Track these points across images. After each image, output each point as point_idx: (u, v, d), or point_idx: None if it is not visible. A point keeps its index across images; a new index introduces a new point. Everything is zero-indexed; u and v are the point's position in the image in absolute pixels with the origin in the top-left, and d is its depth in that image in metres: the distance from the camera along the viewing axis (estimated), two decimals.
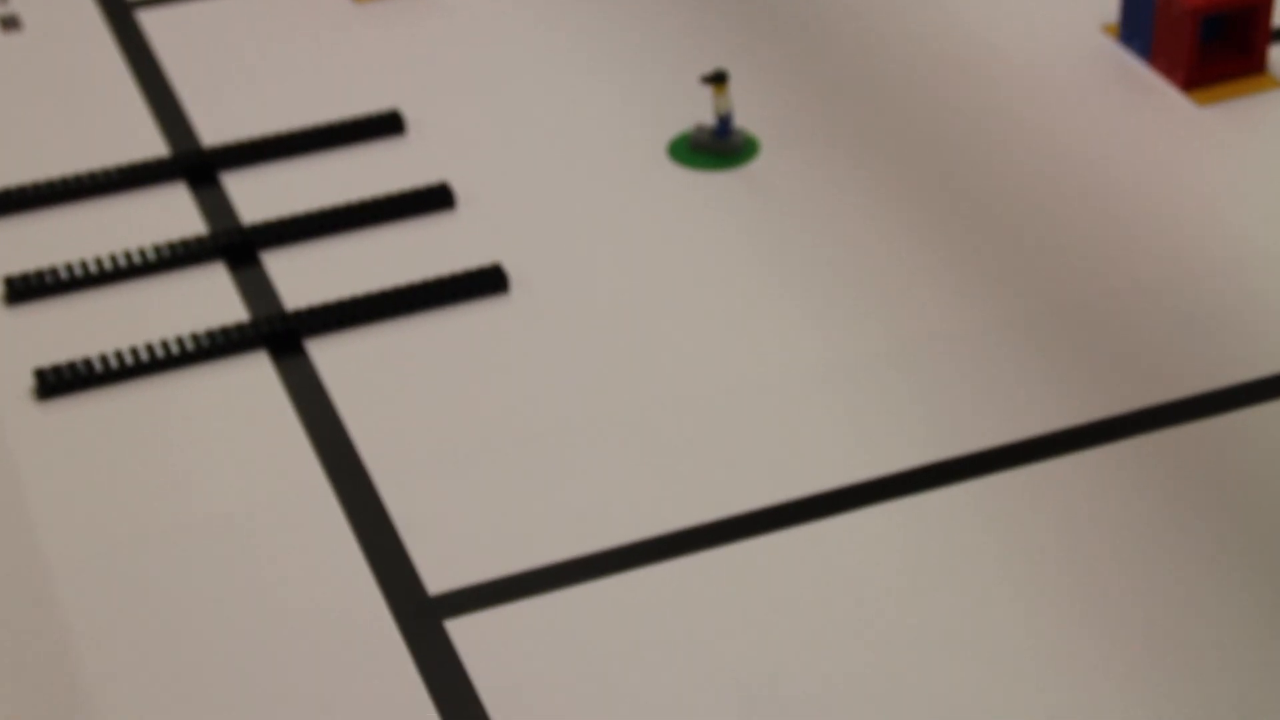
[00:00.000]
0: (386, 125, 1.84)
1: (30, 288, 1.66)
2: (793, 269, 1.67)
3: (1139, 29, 1.89)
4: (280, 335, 1.61)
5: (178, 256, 1.69)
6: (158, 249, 1.69)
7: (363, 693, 1.33)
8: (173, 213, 1.75)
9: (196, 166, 1.79)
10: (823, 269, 1.67)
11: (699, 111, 1.86)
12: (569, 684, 1.34)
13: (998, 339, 1.59)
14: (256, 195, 1.77)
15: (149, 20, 2.02)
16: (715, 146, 1.80)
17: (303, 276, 1.68)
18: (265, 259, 1.70)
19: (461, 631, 1.37)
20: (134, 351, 1.58)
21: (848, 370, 1.57)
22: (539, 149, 1.82)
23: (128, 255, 1.68)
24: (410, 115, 1.86)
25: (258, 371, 1.59)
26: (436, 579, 1.41)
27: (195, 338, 1.59)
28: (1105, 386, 1.54)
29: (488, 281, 1.65)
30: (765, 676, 1.33)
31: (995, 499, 1.45)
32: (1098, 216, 1.71)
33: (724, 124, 1.80)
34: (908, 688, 1.32)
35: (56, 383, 1.56)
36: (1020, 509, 1.44)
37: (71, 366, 1.57)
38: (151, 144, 1.84)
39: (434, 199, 1.75)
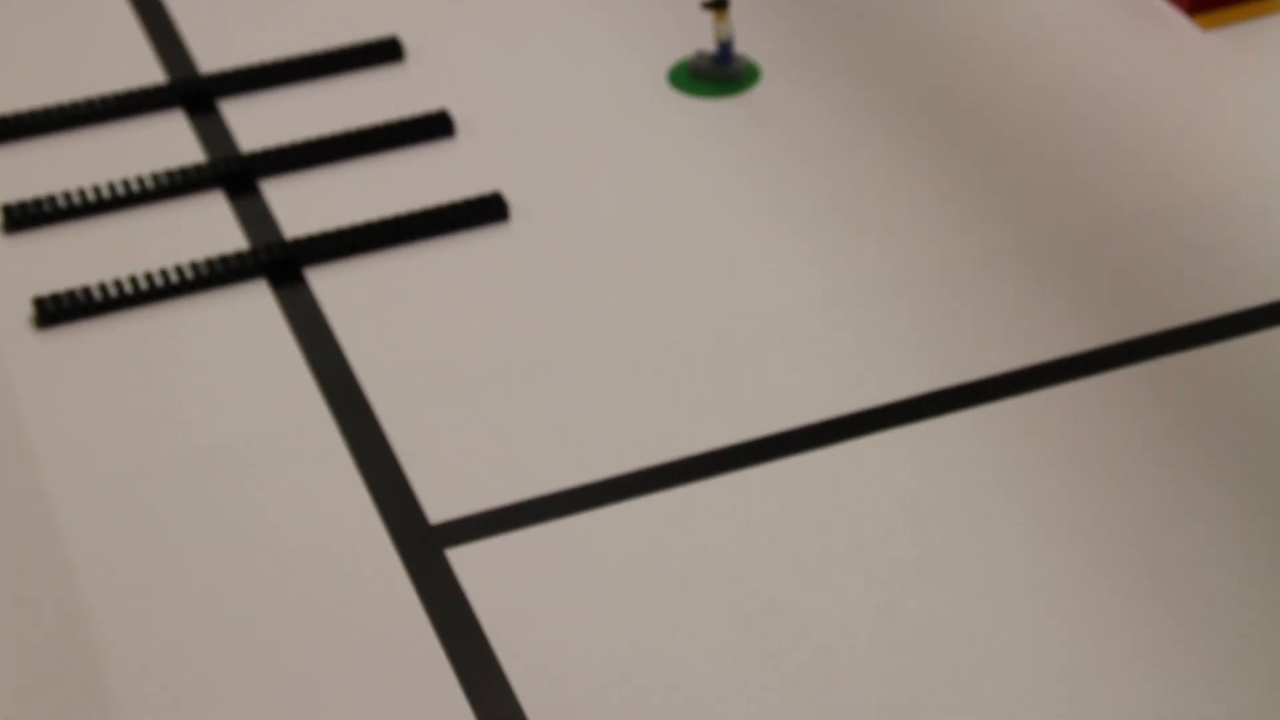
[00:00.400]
0: (385, 52, 1.83)
1: (28, 216, 1.65)
2: (793, 196, 1.66)
3: None
4: (280, 264, 1.60)
5: (176, 184, 1.68)
6: (156, 177, 1.68)
7: (363, 621, 1.34)
8: (171, 140, 1.74)
9: (194, 93, 1.78)
10: (823, 196, 1.66)
11: (699, 38, 1.85)
12: (570, 612, 1.34)
13: (1000, 267, 1.58)
14: (255, 122, 1.76)
15: None
16: (716, 73, 1.79)
17: (302, 205, 1.67)
18: (264, 187, 1.69)
19: (463, 560, 1.37)
20: (133, 280, 1.58)
21: (849, 298, 1.56)
22: (539, 76, 1.81)
23: (126, 183, 1.67)
24: (409, 42, 1.85)
25: (257, 300, 1.58)
26: (437, 508, 1.41)
27: (194, 266, 1.59)
28: (1108, 314, 1.54)
29: (488, 210, 1.65)
30: (767, 603, 1.33)
31: (998, 426, 1.45)
32: (1101, 143, 1.70)
33: (725, 50, 1.79)
34: (909, 614, 1.32)
35: (55, 311, 1.56)
36: (1023, 436, 1.44)
37: (70, 295, 1.56)
38: (149, 71, 1.83)
39: (433, 126, 1.74)
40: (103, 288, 1.57)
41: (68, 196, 1.66)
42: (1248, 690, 1.27)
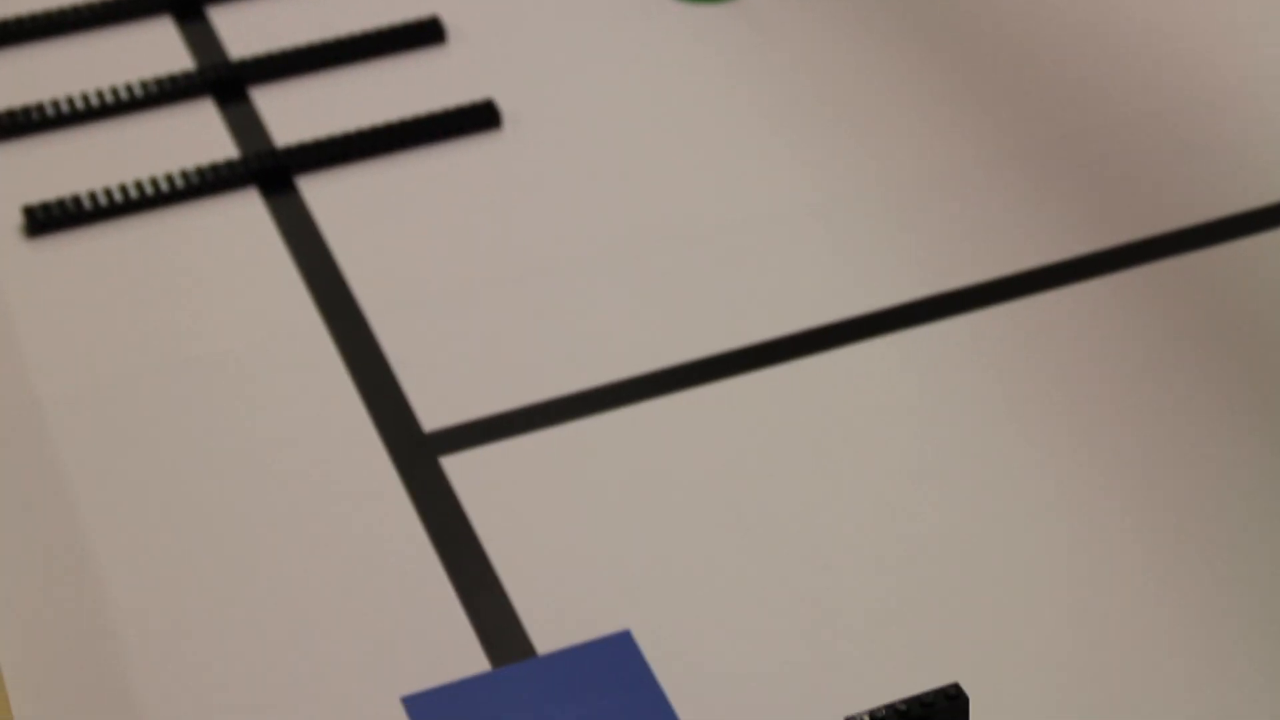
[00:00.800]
0: None
1: (17, 124, 1.64)
2: (787, 104, 1.65)
3: None
4: (271, 172, 1.59)
5: (166, 92, 1.66)
6: (145, 84, 1.67)
7: (359, 529, 1.33)
8: (160, 47, 1.73)
9: (183, 1, 1.77)
10: (817, 104, 1.65)
11: None
12: (564, 518, 1.34)
13: (996, 172, 1.58)
14: (244, 28, 1.74)
15: None
16: None
17: (292, 113, 1.66)
18: (254, 95, 1.68)
19: (456, 468, 1.37)
20: (123, 189, 1.57)
21: (844, 204, 1.55)
22: None
23: (114, 91, 1.66)
24: None
25: (249, 209, 1.57)
26: (431, 416, 1.41)
27: (185, 175, 1.58)
28: (1104, 218, 1.53)
29: (480, 117, 1.63)
30: (762, 508, 1.33)
31: (992, 332, 1.44)
32: (1098, 45, 1.69)
33: None
34: (904, 518, 1.32)
35: (45, 220, 1.55)
36: (1017, 342, 1.44)
37: (60, 204, 1.55)
38: None
39: (425, 33, 1.72)
40: (92, 196, 1.56)
41: (56, 104, 1.65)
42: (1248, 579, 1.27)
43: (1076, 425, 1.37)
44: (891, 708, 0.97)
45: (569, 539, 1.32)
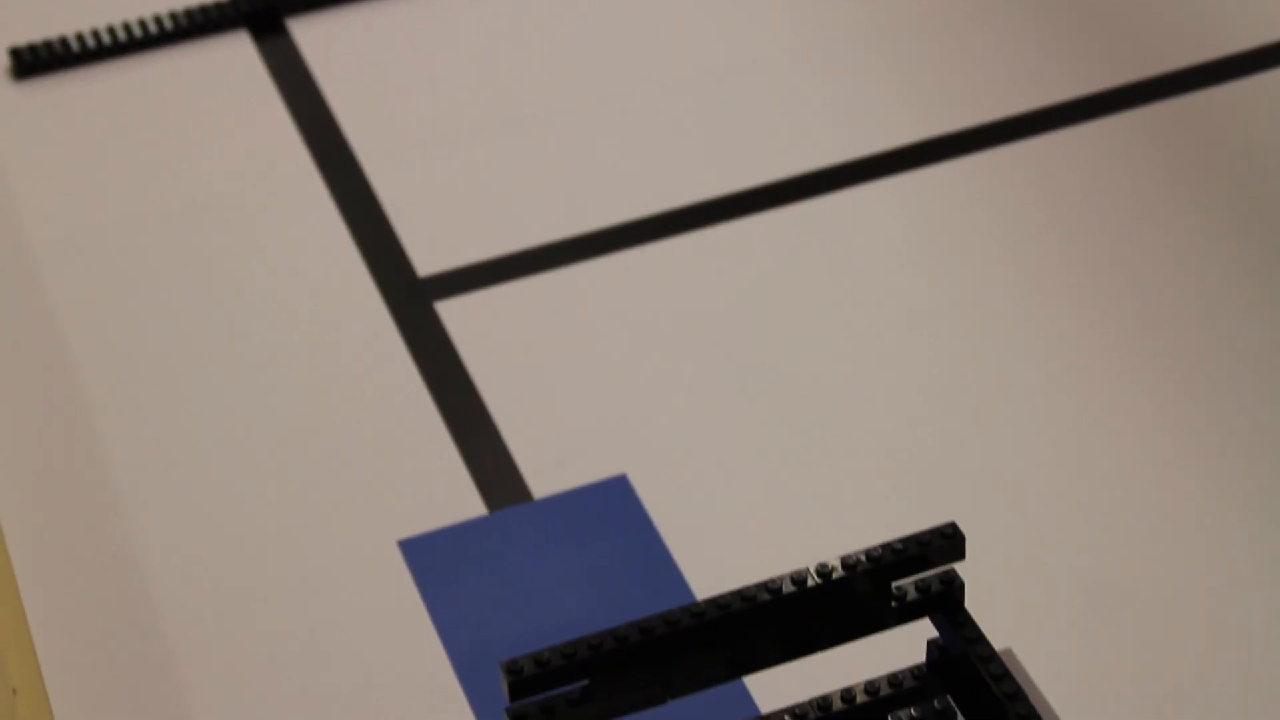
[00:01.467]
0: None
1: None
2: None
3: None
4: (261, 14, 1.57)
5: None
6: None
7: (354, 375, 1.33)
8: None
9: None
10: None
11: None
12: (559, 365, 1.33)
13: (990, 14, 1.56)
14: None
15: None
16: None
17: None
18: None
19: (451, 313, 1.37)
20: (111, 30, 1.55)
21: (832, 49, 1.54)
22: None
23: None
24: None
25: (239, 51, 1.56)
26: (425, 261, 1.40)
27: (174, 16, 1.56)
28: (1101, 59, 1.52)
29: None
30: (759, 352, 1.33)
31: (988, 175, 1.44)
32: None
33: None
34: (899, 361, 1.32)
35: (33, 62, 1.53)
36: (1013, 184, 1.43)
37: (48, 45, 1.54)
38: None
39: None
40: (80, 38, 1.54)
41: None
42: (1245, 409, 1.27)
43: (1074, 268, 1.37)
44: (888, 547, 0.97)
45: (564, 384, 1.32)
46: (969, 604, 1.15)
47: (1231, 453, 1.26)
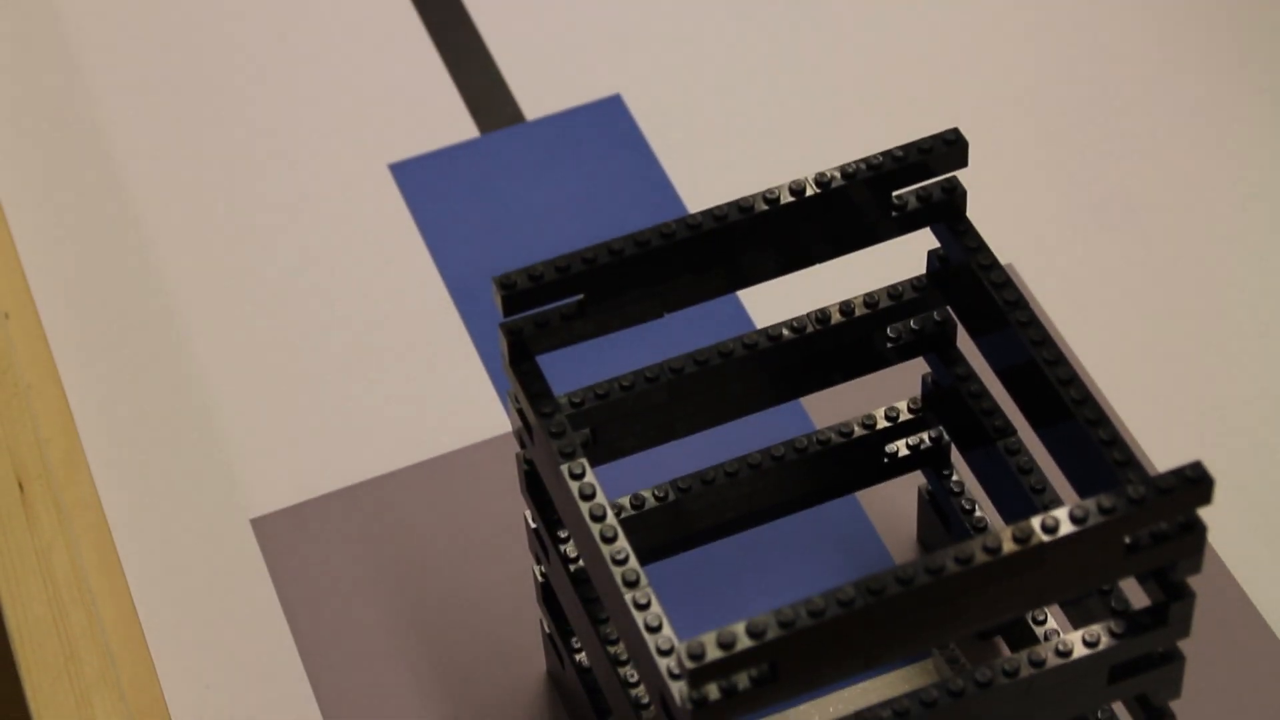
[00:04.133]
0: None
1: None
2: None
3: None
4: None
5: None
6: None
7: None
8: None
9: None
10: None
11: None
12: None
13: None
14: None
15: None
16: None
17: None
18: None
19: None
20: None
21: None
22: None
23: None
24: None
25: None
26: None
27: None
28: None
29: None
30: None
31: None
32: None
33: None
34: None
35: None
36: None
37: None
38: None
39: None
40: None
41: None
42: (1267, 25, 1.24)
43: None
44: (888, 154, 0.94)
45: (556, 2, 1.29)
46: (972, 217, 1.13)
47: (1248, 61, 1.23)
